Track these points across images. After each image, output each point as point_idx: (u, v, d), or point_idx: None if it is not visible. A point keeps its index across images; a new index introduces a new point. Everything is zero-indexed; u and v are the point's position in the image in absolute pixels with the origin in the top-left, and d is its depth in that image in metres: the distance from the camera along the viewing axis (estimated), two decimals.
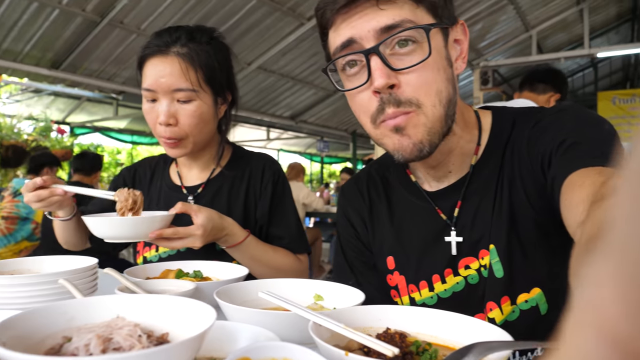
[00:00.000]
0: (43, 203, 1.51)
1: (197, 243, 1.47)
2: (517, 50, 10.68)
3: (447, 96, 1.04)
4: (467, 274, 1.16)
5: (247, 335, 0.86)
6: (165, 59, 1.55)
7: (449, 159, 1.18)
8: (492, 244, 1.11)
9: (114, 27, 6.53)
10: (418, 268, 1.23)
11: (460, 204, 1.17)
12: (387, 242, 1.30)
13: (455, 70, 1.09)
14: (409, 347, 0.83)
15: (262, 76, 9.28)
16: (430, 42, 1.00)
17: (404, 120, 1.03)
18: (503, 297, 1.10)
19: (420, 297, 1.22)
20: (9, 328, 0.68)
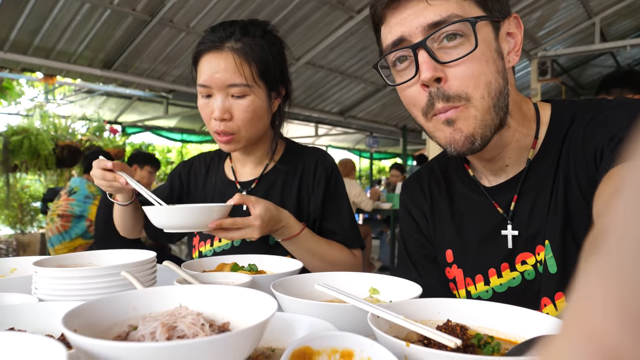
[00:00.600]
0: (105, 183, 1.60)
1: (254, 234, 1.50)
2: (578, 39, 10.32)
3: (497, 87, 1.06)
4: (523, 269, 1.18)
5: (305, 326, 0.88)
6: (219, 54, 1.59)
7: (504, 152, 1.19)
8: (547, 240, 1.12)
9: (163, 25, 6.68)
10: (475, 262, 1.26)
11: (516, 199, 1.19)
12: (447, 235, 1.34)
13: (507, 63, 1.10)
14: (470, 340, 0.83)
15: (311, 71, 9.31)
16: (477, 35, 1.02)
17: (454, 113, 1.06)
18: (557, 292, 1.12)
19: (476, 290, 1.25)
20: (77, 316, 0.71)
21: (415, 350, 0.68)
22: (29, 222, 8.66)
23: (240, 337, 0.63)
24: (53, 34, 6.36)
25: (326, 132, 15.88)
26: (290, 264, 1.44)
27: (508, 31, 1.10)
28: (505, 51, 1.10)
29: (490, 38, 1.05)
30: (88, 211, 5.19)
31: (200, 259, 1.49)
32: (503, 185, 1.22)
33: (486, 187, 1.26)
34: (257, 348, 0.86)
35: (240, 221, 1.49)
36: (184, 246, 6.57)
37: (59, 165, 7.57)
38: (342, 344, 0.70)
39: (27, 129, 7.11)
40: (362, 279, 1.24)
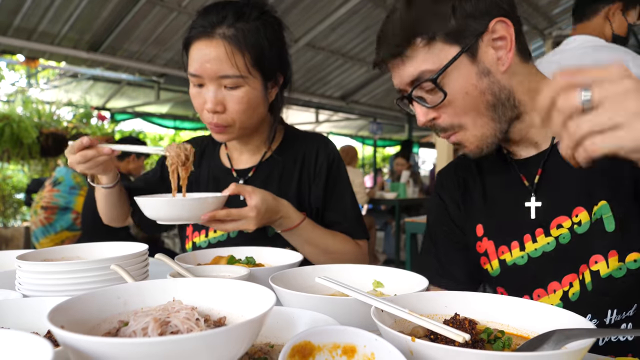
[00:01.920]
0: (89, 164, 1.57)
1: (250, 225, 1.51)
2: None
3: (486, 104, 1.25)
4: (558, 233, 1.29)
5: (305, 320, 0.89)
6: (210, 42, 1.55)
7: (531, 133, 1.34)
8: (605, 200, 1.22)
9: (153, 4, 6.64)
10: (507, 230, 1.39)
11: (540, 172, 1.33)
12: (477, 211, 1.47)
13: (501, 67, 1.24)
14: (479, 335, 0.84)
15: (311, 54, 9.26)
16: (443, 86, 1.22)
17: (455, 138, 1.31)
18: (611, 251, 1.21)
19: (512, 257, 1.37)
20: (64, 312, 0.72)
21: (422, 345, 0.68)
22: (12, 215, 8.66)
23: (237, 332, 0.64)
24: (35, 14, 6.32)
25: (327, 118, 15.84)
26: (290, 256, 1.45)
27: (494, 37, 1.23)
28: (494, 59, 1.24)
29: (465, 68, 1.22)
30: (74, 202, 5.19)
31: (195, 252, 1.49)
32: (533, 158, 1.36)
33: (517, 160, 1.40)
34: (255, 344, 0.87)
35: (235, 212, 1.50)
36: (177, 239, 6.58)
37: (44, 155, 7.54)
38: (344, 339, 0.70)
39: (8, 115, 7.08)
40: (366, 271, 1.24)
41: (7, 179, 8.89)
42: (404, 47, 1.24)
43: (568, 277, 1.28)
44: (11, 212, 8.65)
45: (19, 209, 8.76)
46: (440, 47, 1.22)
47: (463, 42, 1.21)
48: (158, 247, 4.69)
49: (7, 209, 8.54)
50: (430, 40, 1.21)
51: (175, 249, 6.23)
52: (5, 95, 9.34)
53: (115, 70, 8.24)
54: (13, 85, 10.20)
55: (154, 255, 1.30)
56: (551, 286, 1.31)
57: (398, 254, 7.79)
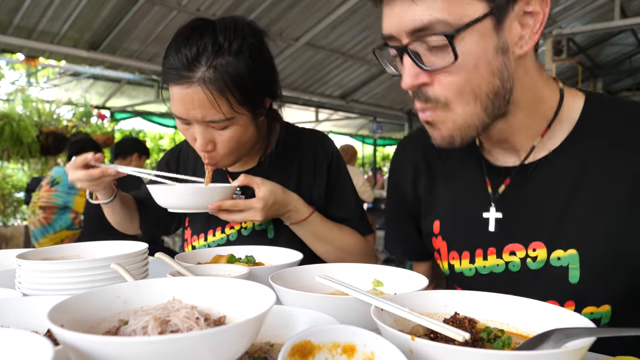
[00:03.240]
0: (93, 183, 1.58)
1: (257, 217, 1.52)
2: (596, 16, 10.22)
3: (491, 89, 1.05)
4: (510, 259, 1.21)
5: (305, 320, 0.89)
6: (189, 87, 1.44)
7: (514, 137, 1.18)
8: (575, 250, 1.12)
9: (153, 3, 6.64)
10: (460, 238, 1.30)
11: (508, 182, 1.21)
12: (436, 205, 1.38)
13: (519, 49, 1.05)
14: (479, 334, 0.84)
15: (310, 52, 9.26)
16: (456, 48, 0.98)
17: (430, 116, 1.09)
18: (568, 301, 1.14)
19: (460, 266, 1.30)
20: (64, 311, 0.72)
21: (421, 344, 0.68)
22: (12, 214, 8.65)
23: (237, 331, 0.64)
24: (35, 12, 6.32)
25: (327, 117, 15.83)
26: (290, 255, 1.45)
27: (526, 10, 1.03)
28: (516, 37, 1.04)
29: (486, 36, 1.01)
30: (73, 202, 5.19)
31: (195, 251, 1.49)
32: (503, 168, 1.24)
33: (490, 165, 1.26)
34: (255, 343, 0.87)
35: (242, 203, 1.52)
36: (177, 238, 6.58)
37: (44, 153, 7.54)
38: (344, 338, 0.70)
39: (8, 114, 7.07)
40: (365, 270, 1.24)
41: (7, 178, 8.88)
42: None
43: None
44: (11, 211, 8.64)
45: (19, 208, 8.75)
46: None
47: (494, 1, 0.99)
48: (157, 246, 4.69)
49: (7, 208, 8.53)
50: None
51: (175, 248, 6.23)
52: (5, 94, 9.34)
53: (115, 69, 8.23)
54: (13, 84, 10.20)
55: (154, 254, 1.30)
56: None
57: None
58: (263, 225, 1.75)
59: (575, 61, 10.62)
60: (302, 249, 1.57)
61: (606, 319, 1.13)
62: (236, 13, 7.00)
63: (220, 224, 1.78)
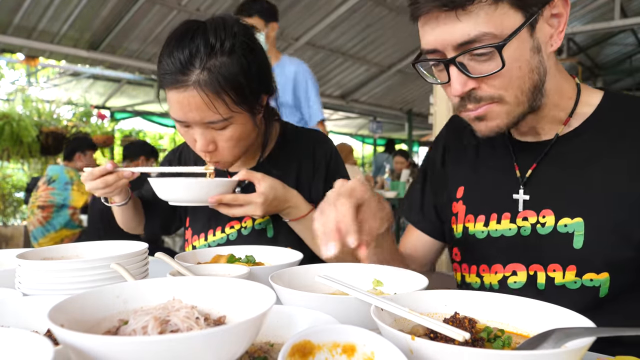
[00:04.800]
0: (109, 189, 1.61)
1: (257, 211, 1.53)
2: (596, 15, 10.23)
3: (532, 84, 1.17)
4: (522, 224, 1.30)
5: (305, 319, 0.89)
6: (185, 91, 1.45)
7: (539, 125, 1.30)
8: (581, 218, 1.21)
9: (153, 3, 6.65)
10: (482, 204, 1.39)
11: (534, 167, 1.31)
12: (463, 173, 1.48)
13: (550, 48, 1.18)
14: (479, 334, 0.84)
15: (310, 52, 9.27)
16: (504, 56, 1.08)
17: (484, 110, 1.18)
18: (570, 265, 1.23)
19: (474, 228, 1.39)
20: (64, 311, 0.72)
21: (421, 344, 0.68)
22: (12, 213, 8.66)
23: (237, 331, 0.64)
24: (35, 12, 6.33)
25: (327, 117, 15.82)
26: (290, 255, 1.45)
27: (552, 13, 1.15)
28: (547, 37, 1.16)
29: (524, 41, 1.12)
30: (70, 198, 5.18)
31: (195, 251, 1.49)
32: (531, 146, 1.33)
33: (514, 141, 1.37)
34: (255, 343, 0.87)
35: (242, 197, 1.52)
36: (177, 238, 6.58)
37: (44, 153, 7.54)
38: (344, 338, 0.70)
39: (8, 114, 7.07)
40: (365, 270, 1.24)
41: (7, 178, 8.89)
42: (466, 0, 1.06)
43: (513, 265, 1.31)
44: (11, 210, 8.64)
45: (19, 208, 8.75)
46: (506, 10, 1.08)
47: (528, 9, 1.10)
48: (158, 246, 4.69)
49: (7, 208, 8.54)
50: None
51: (175, 248, 6.22)
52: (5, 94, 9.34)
53: (115, 69, 8.25)
54: (13, 84, 10.20)
55: (154, 254, 1.30)
56: (494, 267, 1.34)
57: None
58: (262, 224, 1.76)
59: (575, 61, 10.62)
60: (302, 248, 1.57)
61: (605, 287, 1.20)
62: None
63: (220, 224, 1.78)
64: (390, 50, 10.14)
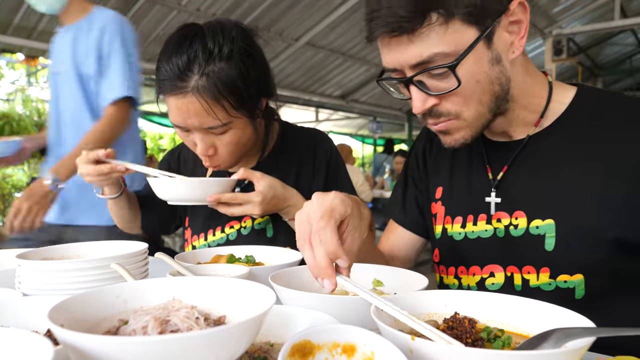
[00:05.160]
0: (100, 178, 1.60)
1: (255, 210, 1.53)
2: (596, 15, 10.22)
3: (493, 96, 1.16)
4: (497, 226, 1.30)
5: (305, 319, 0.89)
6: (184, 97, 1.45)
7: (510, 128, 1.30)
8: (552, 220, 1.21)
9: (153, 3, 6.65)
10: (459, 206, 1.40)
11: (506, 169, 1.30)
12: (442, 173, 1.48)
13: (511, 54, 1.15)
14: (479, 334, 0.84)
15: (310, 52, 9.27)
16: (458, 74, 1.08)
17: (444, 126, 1.20)
18: (544, 268, 1.23)
19: (452, 229, 1.40)
20: (64, 311, 0.71)
21: (421, 344, 0.68)
22: None
23: (237, 331, 0.64)
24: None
25: (327, 117, 15.86)
26: (290, 255, 1.45)
27: (511, 20, 1.12)
28: (507, 45, 1.14)
29: (481, 54, 1.10)
30: None
31: (195, 251, 1.49)
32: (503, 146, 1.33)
33: (488, 141, 1.37)
34: (255, 343, 0.87)
35: (241, 196, 1.52)
36: (177, 238, 6.58)
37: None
38: (344, 338, 0.70)
39: (8, 114, 7.09)
40: (366, 270, 1.24)
41: (6, 178, 8.89)
42: (415, 23, 1.04)
43: (491, 267, 1.31)
44: None
45: None
46: (458, 27, 1.06)
47: (483, 23, 1.08)
48: (158, 246, 4.69)
49: (7, 208, 8.53)
50: (448, 17, 1.05)
51: (175, 248, 6.23)
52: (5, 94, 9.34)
53: None
54: (13, 83, 10.20)
55: (154, 254, 1.30)
56: (472, 269, 1.34)
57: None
58: (262, 224, 1.76)
59: (575, 61, 10.63)
60: None
61: (580, 289, 1.19)
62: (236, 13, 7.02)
63: (220, 224, 1.79)
64: None
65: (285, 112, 13.57)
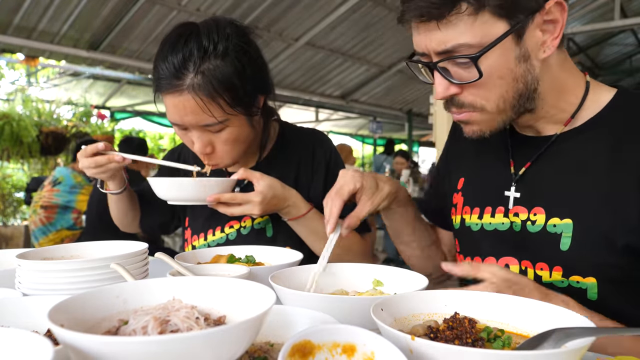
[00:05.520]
0: (99, 169, 1.61)
1: (255, 210, 1.53)
2: (596, 15, 10.21)
3: (516, 93, 1.15)
4: (514, 220, 1.30)
5: (305, 319, 0.89)
6: (180, 95, 1.46)
7: (538, 123, 1.28)
8: (570, 219, 1.19)
9: (153, 3, 6.65)
10: (477, 196, 1.42)
11: (529, 165, 1.29)
12: (464, 165, 1.51)
13: (542, 54, 1.13)
14: (479, 334, 0.84)
15: (310, 52, 9.27)
16: (480, 67, 1.08)
17: (466, 116, 1.20)
18: (557, 267, 1.21)
19: (469, 220, 1.41)
20: (64, 311, 0.72)
21: (421, 344, 0.69)
22: (12, 213, 8.64)
23: (237, 330, 0.64)
24: (35, 12, 6.33)
25: (327, 117, 15.85)
26: (290, 255, 1.45)
27: (546, 19, 1.10)
28: (539, 43, 1.12)
29: (508, 50, 1.09)
30: (75, 201, 5.18)
31: (195, 251, 1.50)
32: (530, 141, 1.31)
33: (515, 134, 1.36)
34: (255, 342, 0.87)
35: (240, 196, 1.53)
36: (177, 238, 6.58)
37: (44, 153, 7.54)
38: (344, 338, 0.70)
39: (8, 114, 7.07)
40: (366, 270, 1.25)
41: (6, 178, 8.88)
42: (444, 10, 1.05)
43: (506, 259, 1.31)
44: (11, 210, 8.62)
45: (19, 208, 8.73)
46: (487, 19, 1.06)
47: (514, 18, 1.06)
48: (157, 246, 4.69)
49: (7, 208, 8.52)
50: (479, 8, 1.04)
51: (175, 248, 6.22)
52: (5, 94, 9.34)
53: (115, 68, 8.25)
54: (13, 84, 10.20)
55: (154, 254, 1.30)
56: (487, 260, 1.35)
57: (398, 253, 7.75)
58: (262, 223, 1.76)
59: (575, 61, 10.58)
60: (301, 248, 1.57)
61: (593, 292, 1.17)
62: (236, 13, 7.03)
63: (220, 224, 1.79)
64: (390, 50, 10.14)
65: (285, 112, 13.58)
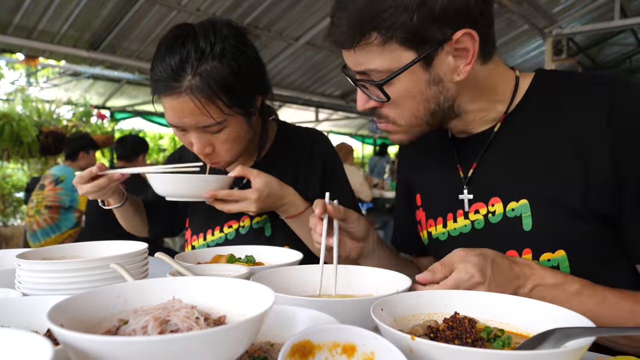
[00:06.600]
0: (103, 191, 1.64)
1: (251, 207, 1.54)
2: (596, 15, 10.18)
3: (428, 111, 1.23)
4: (474, 218, 1.34)
5: (305, 319, 0.88)
6: (178, 97, 1.47)
7: (469, 127, 1.34)
8: (526, 199, 1.24)
9: (153, 3, 6.63)
10: (436, 206, 1.45)
11: (475, 166, 1.34)
12: (417, 180, 1.55)
13: (456, 77, 1.19)
14: (479, 334, 0.84)
15: (310, 52, 9.25)
16: (386, 91, 1.18)
17: (385, 127, 1.31)
18: (525, 249, 1.24)
19: (436, 232, 1.44)
20: (64, 311, 0.72)
21: (421, 343, 0.69)
22: (12, 213, 8.66)
23: (237, 330, 0.64)
24: (34, 12, 6.32)
25: (327, 117, 15.83)
26: (289, 255, 1.45)
27: (457, 47, 1.14)
28: (451, 68, 1.17)
29: (417, 75, 1.17)
30: (77, 201, 5.19)
31: (195, 251, 1.50)
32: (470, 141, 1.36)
33: (455, 139, 1.41)
34: (255, 342, 0.87)
35: (237, 193, 1.54)
36: (177, 238, 6.57)
37: (43, 153, 7.54)
38: (344, 338, 0.70)
39: (8, 114, 7.07)
40: (365, 270, 1.24)
41: (6, 178, 8.89)
42: (356, 38, 1.15)
43: None
44: (11, 210, 8.64)
45: (19, 208, 8.75)
46: (395, 48, 1.13)
47: (421, 48, 1.13)
48: (157, 246, 4.69)
49: (7, 208, 8.54)
50: (387, 39, 1.12)
51: (175, 248, 6.22)
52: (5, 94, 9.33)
53: (115, 68, 8.23)
54: (13, 84, 10.18)
55: (154, 254, 1.30)
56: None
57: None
58: (260, 223, 1.76)
59: (575, 61, 10.58)
60: (299, 247, 1.57)
61: (565, 265, 1.20)
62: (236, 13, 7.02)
63: (219, 223, 1.79)
64: None
65: (285, 112, 13.57)
